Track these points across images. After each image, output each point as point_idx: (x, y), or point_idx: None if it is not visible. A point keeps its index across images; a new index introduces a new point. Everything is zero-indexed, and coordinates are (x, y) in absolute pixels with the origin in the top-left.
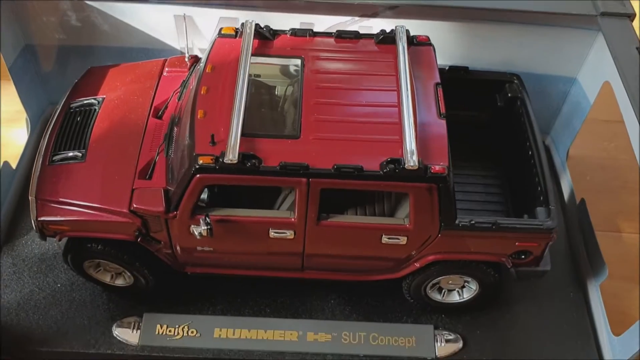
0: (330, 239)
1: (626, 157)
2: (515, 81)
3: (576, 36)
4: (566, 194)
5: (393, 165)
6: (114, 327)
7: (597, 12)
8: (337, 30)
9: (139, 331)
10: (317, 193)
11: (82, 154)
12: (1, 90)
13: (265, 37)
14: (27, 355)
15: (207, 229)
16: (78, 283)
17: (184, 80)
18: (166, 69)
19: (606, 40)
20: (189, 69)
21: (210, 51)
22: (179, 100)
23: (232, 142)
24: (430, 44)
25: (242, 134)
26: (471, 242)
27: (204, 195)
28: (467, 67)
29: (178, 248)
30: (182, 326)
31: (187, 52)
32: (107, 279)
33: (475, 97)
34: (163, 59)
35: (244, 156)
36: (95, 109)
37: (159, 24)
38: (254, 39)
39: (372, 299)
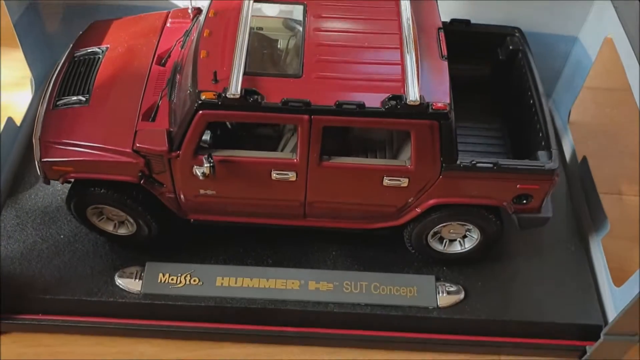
0: (332, 181)
1: (627, 122)
2: (517, 34)
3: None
4: (568, 155)
5: (394, 102)
6: (116, 276)
7: None
8: None
9: (141, 280)
10: (319, 131)
11: (86, 99)
12: (1, 55)
13: None
14: (29, 304)
15: (210, 166)
16: (81, 234)
17: (187, 30)
18: (169, 20)
19: None
20: (192, 20)
21: (208, 8)
22: (181, 48)
23: (234, 78)
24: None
25: (245, 73)
26: (472, 184)
27: (206, 137)
28: (468, 20)
29: (181, 192)
30: (185, 275)
31: (191, 3)
32: (109, 227)
33: (477, 51)
34: (166, 11)
35: (246, 92)
36: (99, 57)
37: None
38: None
39: (374, 251)
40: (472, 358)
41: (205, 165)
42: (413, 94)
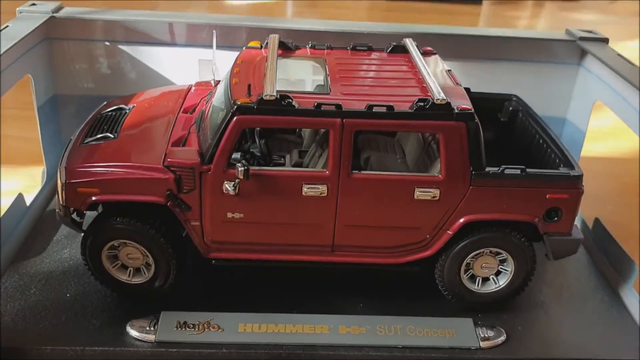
0: (363, 196)
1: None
2: (514, 99)
3: (560, 71)
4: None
5: (422, 103)
6: (128, 327)
7: (575, 38)
8: (352, 44)
9: (155, 329)
10: (351, 137)
11: (114, 136)
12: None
13: (288, 48)
14: (34, 356)
15: (245, 169)
16: (89, 292)
17: (211, 91)
18: (193, 88)
19: (592, 54)
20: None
21: (239, 55)
22: (207, 102)
23: (268, 86)
24: (436, 53)
25: (277, 91)
26: (502, 196)
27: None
28: (468, 88)
29: (208, 216)
30: (203, 322)
31: (214, 74)
32: (124, 276)
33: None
34: (189, 84)
35: (280, 96)
36: (125, 112)
37: (183, 69)
38: (278, 48)
39: (404, 298)
40: None
41: (240, 169)
42: (438, 94)
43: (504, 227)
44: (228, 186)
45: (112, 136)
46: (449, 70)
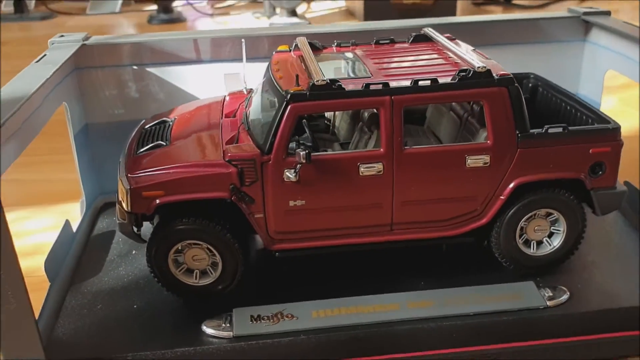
0: (417, 171)
1: None
2: (532, 76)
3: (567, 49)
4: None
5: (464, 73)
6: (203, 327)
7: (579, 14)
8: (375, 39)
9: (231, 325)
10: (400, 113)
11: (167, 143)
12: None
13: (316, 48)
14: None
15: (306, 153)
16: (156, 301)
17: (248, 96)
18: (227, 97)
19: (598, 27)
20: (248, 94)
21: (271, 60)
22: (246, 107)
23: (316, 74)
24: (455, 39)
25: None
26: (548, 155)
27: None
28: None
29: (271, 207)
30: (276, 313)
31: (245, 82)
32: (190, 280)
33: None
34: (222, 95)
35: (331, 80)
36: (169, 124)
37: (209, 85)
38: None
39: (460, 272)
40: None
41: (302, 152)
42: (478, 63)
43: (552, 187)
44: (289, 173)
45: (164, 144)
46: (473, 49)
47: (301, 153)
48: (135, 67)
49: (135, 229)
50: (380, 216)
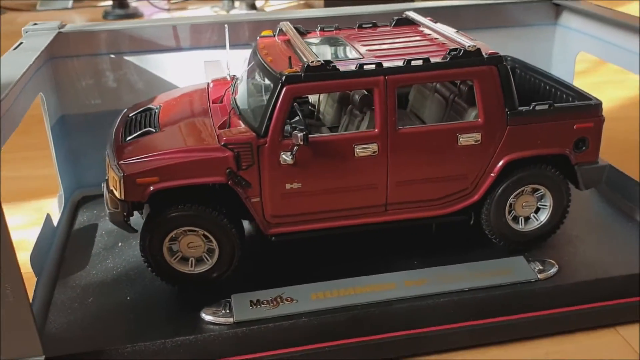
0: (411, 149)
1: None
2: (509, 58)
3: (538, 33)
4: None
5: (455, 52)
6: (202, 314)
7: None
8: (358, 23)
9: (230, 311)
10: (394, 93)
11: (156, 130)
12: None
13: (300, 33)
14: (120, 355)
15: (304, 134)
16: (148, 290)
17: (233, 82)
18: (211, 84)
19: (569, 9)
20: (232, 80)
21: (257, 44)
22: (232, 93)
23: (309, 55)
24: (437, 22)
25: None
26: (536, 131)
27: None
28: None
29: (267, 191)
30: (275, 297)
31: (228, 68)
32: (186, 268)
33: None
34: (205, 82)
35: (325, 61)
36: (155, 111)
37: (189, 73)
38: None
39: (452, 250)
40: (588, 335)
41: (299, 134)
42: (468, 43)
43: (539, 164)
44: (285, 156)
45: (153, 130)
46: (456, 31)
47: (299, 135)
48: (112, 55)
49: (126, 219)
50: (375, 197)
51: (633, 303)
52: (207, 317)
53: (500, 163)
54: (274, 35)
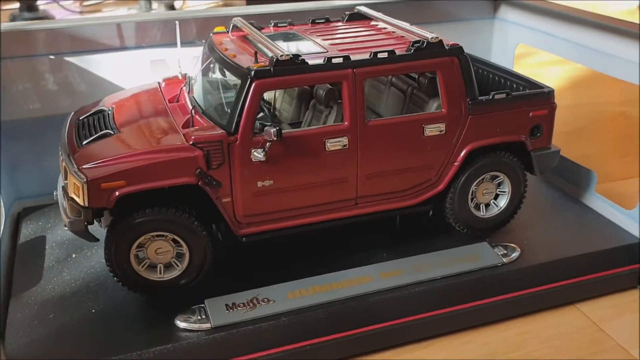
0: (380, 141)
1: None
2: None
3: (479, 27)
4: None
5: (418, 44)
6: (177, 321)
7: None
8: (310, 18)
9: (206, 316)
10: (362, 85)
11: (114, 132)
12: None
13: (256, 28)
14: None
15: (277, 130)
16: (114, 302)
17: (186, 81)
18: (163, 83)
19: (507, 4)
20: (184, 79)
21: (212, 40)
22: (188, 92)
23: (276, 50)
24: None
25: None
26: (496, 121)
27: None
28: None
29: (239, 190)
30: (251, 299)
31: (180, 66)
32: (155, 275)
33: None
34: (155, 82)
35: (294, 55)
36: (108, 112)
37: (135, 73)
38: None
39: (417, 240)
40: (552, 314)
41: (272, 130)
42: (429, 35)
43: (497, 151)
44: (257, 153)
45: (112, 132)
46: (411, 24)
47: (271, 130)
48: (52, 56)
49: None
50: (346, 191)
51: (590, 280)
52: (182, 325)
53: (463, 152)
54: (227, 32)
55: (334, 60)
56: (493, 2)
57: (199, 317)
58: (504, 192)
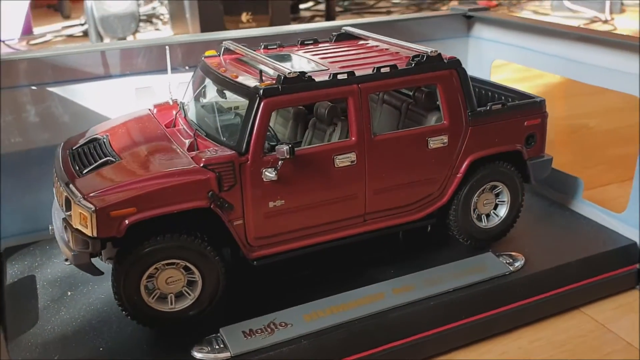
0: (386, 156)
1: None
2: None
3: (454, 45)
4: None
5: (418, 58)
6: (194, 353)
7: (463, 12)
8: (299, 40)
9: (224, 345)
10: (367, 100)
11: (116, 160)
12: None
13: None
14: None
15: (289, 147)
16: (121, 338)
17: (181, 104)
18: (155, 110)
19: (481, 21)
20: (177, 104)
21: (205, 63)
22: (184, 117)
23: (282, 68)
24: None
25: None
26: (494, 132)
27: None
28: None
29: (250, 211)
30: (268, 324)
31: (170, 92)
32: (166, 306)
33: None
34: (146, 108)
35: (300, 72)
36: (103, 140)
37: (119, 102)
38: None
39: (421, 255)
40: (559, 319)
41: (284, 148)
42: (428, 50)
43: (496, 161)
44: (268, 173)
45: (113, 159)
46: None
47: (284, 148)
48: (34, 87)
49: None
50: (354, 208)
51: (591, 283)
52: (199, 356)
53: (465, 163)
54: (219, 55)
55: (339, 77)
56: (467, 20)
57: (217, 347)
58: (503, 201)
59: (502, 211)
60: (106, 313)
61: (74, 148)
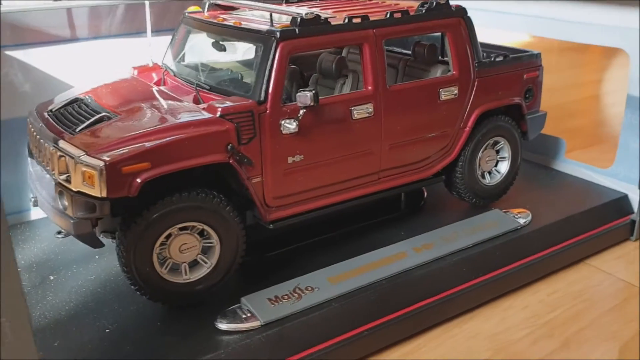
0: (401, 107)
1: None
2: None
3: None
4: None
5: (427, 4)
6: (218, 324)
7: None
8: None
9: (252, 314)
10: (382, 47)
11: (113, 115)
12: None
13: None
14: None
15: (313, 93)
16: (126, 318)
17: (164, 63)
18: (134, 71)
19: None
20: (158, 66)
21: (195, 18)
22: (174, 75)
23: (295, 11)
24: None
25: None
26: (498, 84)
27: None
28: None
29: (269, 167)
30: (294, 288)
31: (151, 60)
32: (180, 278)
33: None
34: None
35: (317, 14)
36: (87, 99)
37: (89, 67)
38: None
39: (429, 216)
40: (569, 272)
41: (308, 94)
42: None
43: (498, 115)
44: (288, 124)
45: (109, 116)
46: None
47: (308, 94)
48: None
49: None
50: (370, 164)
51: (593, 236)
52: (225, 327)
53: (473, 116)
54: (202, 11)
55: (355, 21)
56: None
57: (245, 316)
58: (504, 157)
59: (504, 167)
60: (100, 294)
61: (53, 110)
